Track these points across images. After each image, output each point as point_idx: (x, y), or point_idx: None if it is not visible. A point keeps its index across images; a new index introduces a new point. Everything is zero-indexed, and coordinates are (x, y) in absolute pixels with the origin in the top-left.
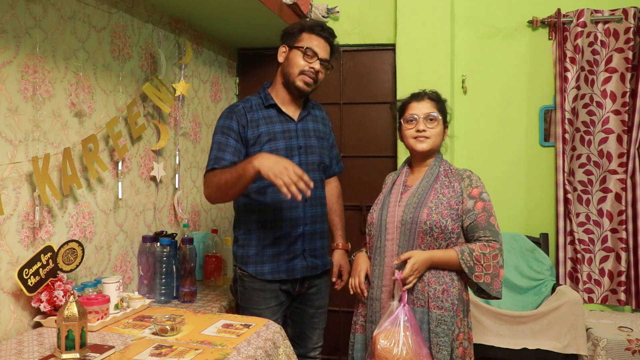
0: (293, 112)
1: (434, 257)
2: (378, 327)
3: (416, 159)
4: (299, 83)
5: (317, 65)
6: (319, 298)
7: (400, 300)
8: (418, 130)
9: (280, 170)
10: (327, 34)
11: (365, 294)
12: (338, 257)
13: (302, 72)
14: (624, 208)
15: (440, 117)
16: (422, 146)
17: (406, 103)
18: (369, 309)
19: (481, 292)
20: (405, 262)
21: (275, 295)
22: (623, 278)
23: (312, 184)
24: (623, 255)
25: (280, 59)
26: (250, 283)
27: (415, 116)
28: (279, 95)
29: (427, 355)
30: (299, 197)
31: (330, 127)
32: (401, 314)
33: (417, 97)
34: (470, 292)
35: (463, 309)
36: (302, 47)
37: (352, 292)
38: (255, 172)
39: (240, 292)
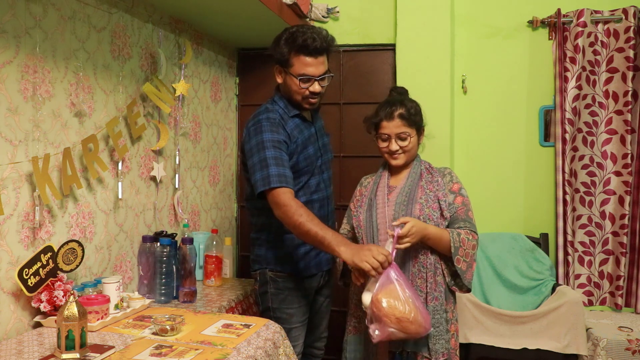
0: (309, 116)
1: (429, 230)
2: (367, 290)
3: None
4: (306, 105)
5: (316, 87)
6: (328, 287)
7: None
8: (391, 150)
9: (365, 255)
10: (317, 50)
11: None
12: None
13: (304, 98)
14: (627, 212)
15: (413, 130)
16: (396, 162)
17: (378, 122)
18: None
19: (455, 282)
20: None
21: (307, 294)
22: (621, 282)
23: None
24: (622, 259)
25: (279, 79)
26: (285, 282)
27: (387, 135)
28: (293, 105)
29: (422, 306)
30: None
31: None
32: (391, 273)
33: (387, 116)
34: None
35: (453, 300)
36: (296, 77)
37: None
38: (336, 251)
39: (273, 293)
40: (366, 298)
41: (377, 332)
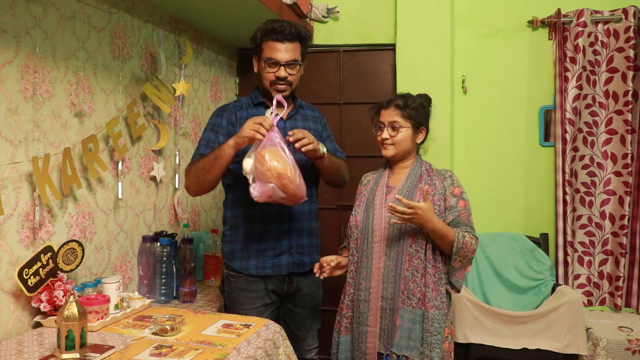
0: (282, 112)
1: (435, 222)
2: (247, 157)
3: (393, 161)
4: (274, 93)
5: (282, 72)
6: (310, 299)
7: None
8: (382, 139)
9: (245, 126)
10: (285, 36)
11: (332, 264)
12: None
13: (271, 84)
14: (626, 212)
15: (408, 123)
16: (385, 152)
17: (379, 109)
18: (356, 310)
19: (449, 279)
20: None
21: (261, 296)
22: (621, 283)
23: (270, 123)
24: (622, 260)
25: (255, 69)
26: (236, 283)
27: (381, 124)
28: (267, 96)
29: (301, 176)
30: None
31: (324, 122)
32: (274, 136)
33: (386, 104)
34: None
35: (448, 304)
36: (264, 61)
37: (318, 271)
38: (230, 146)
39: (227, 292)
40: (247, 163)
41: (257, 189)
